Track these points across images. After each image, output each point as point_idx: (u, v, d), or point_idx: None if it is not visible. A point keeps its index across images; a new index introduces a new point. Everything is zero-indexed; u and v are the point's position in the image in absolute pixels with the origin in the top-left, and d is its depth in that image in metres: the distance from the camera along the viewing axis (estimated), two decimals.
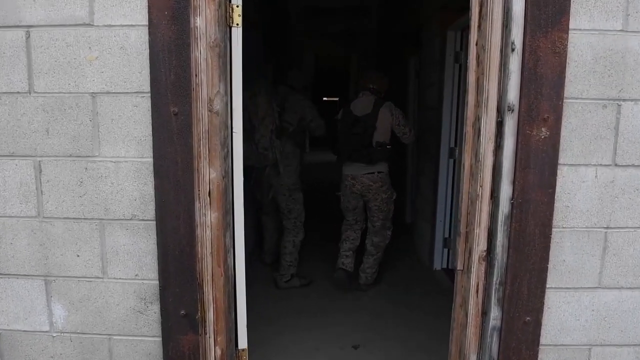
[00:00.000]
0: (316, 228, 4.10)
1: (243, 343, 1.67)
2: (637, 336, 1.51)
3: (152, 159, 1.41)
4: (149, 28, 1.35)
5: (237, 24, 1.49)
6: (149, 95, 1.38)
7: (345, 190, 3.15)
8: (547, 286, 1.45)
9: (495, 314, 1.47)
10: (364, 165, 2.99)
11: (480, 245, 1.46)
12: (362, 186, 3.05)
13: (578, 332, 1.50)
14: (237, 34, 1.49)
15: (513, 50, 1.35)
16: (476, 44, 1.43)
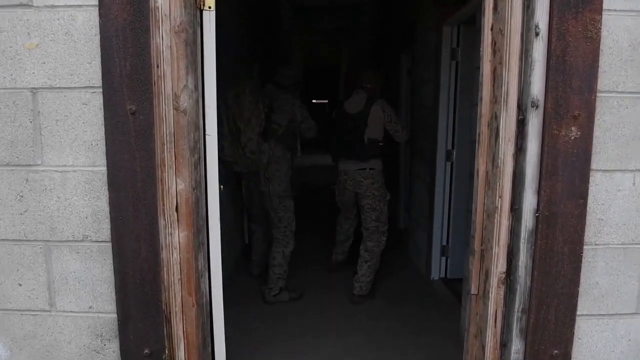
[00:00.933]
0: (307, 238, 3.86)
1: None
2: None
3: (106, 168, 1.17)
4: (100, 9, 1.11)
5: (210, 7, 1.26)
6: (101, 90, 1.14)
7: (339, 185, 3.23)
8: (578, 313, 1.24)
9: (517, 347, 1.25)
10: (357, 161, 3.03)
11: (499, 266, 1.24)
12: (354, 182, 3.09)
13: None
14: (210, 18, 1.27)
15: (537, 35, 1.13)
16: (491, 29, 1.21)
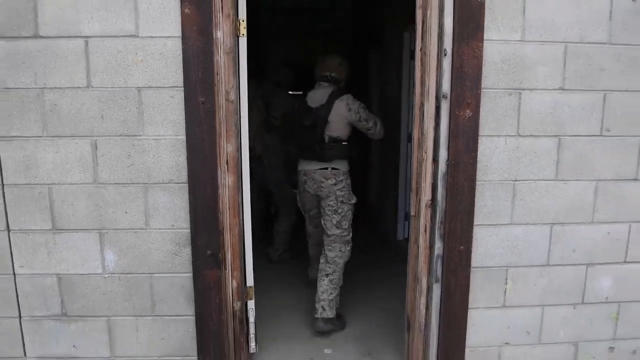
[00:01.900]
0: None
1: (250, 282, 2.16)
2: (539, 259, 2.10)
3: (185, 137, 1.88)
4: (182, 38, 1.82)
5: (243, 34, 1.97)
6: (182, 88, 1.85)
7: (300, 187, 2.84)
8: (474, 224, 2.03)
9: (439, 246, 2.04)
10: (317, 162, 2.68)
11: (426, 195, 2.02)
12: (315, 183, 2.71)
13: (498, 257, 2.08)
14: (243, 42, 1.97)
15: (445, 55, 1.90)
16: (420, 50, 1.97)
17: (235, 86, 1.92)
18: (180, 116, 1.88)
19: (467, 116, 1.93)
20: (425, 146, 1.98)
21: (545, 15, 1.92)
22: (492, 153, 1.99)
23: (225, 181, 1.94)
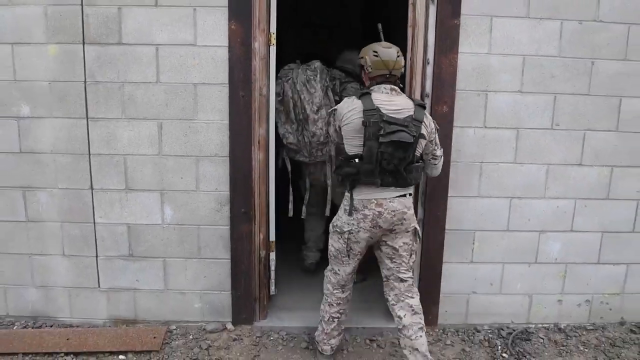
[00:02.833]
0: None
1: (272, 237, 2.77)
2: (500, 225, 2.67)
3: (229, 122, 2.48)
4: (229, 48, 2.42)
5: (273, 44, 2.55)
6: (227, 85, 2.45)
7: (352, 224, 2.19)
8: (449, 195, 2.60)
9: (420, 211, 2.61)
10: (395, 188, 2.15)
11: None
12: (394, 215, 2.14)
13: (467, 222, 2.65)
14: (273, 50, 2.56)
15: (429, 63, 2.47)
16: (410, 59, 2.54)
17: (266, 84, 2.52)
18: (225, 106, 2.48)
19: (444, 111, 2.50)
20: None
21: (508, 34, 2.48)
22: (464, 141, 2.56)
23: (257, 156, 2.54)
